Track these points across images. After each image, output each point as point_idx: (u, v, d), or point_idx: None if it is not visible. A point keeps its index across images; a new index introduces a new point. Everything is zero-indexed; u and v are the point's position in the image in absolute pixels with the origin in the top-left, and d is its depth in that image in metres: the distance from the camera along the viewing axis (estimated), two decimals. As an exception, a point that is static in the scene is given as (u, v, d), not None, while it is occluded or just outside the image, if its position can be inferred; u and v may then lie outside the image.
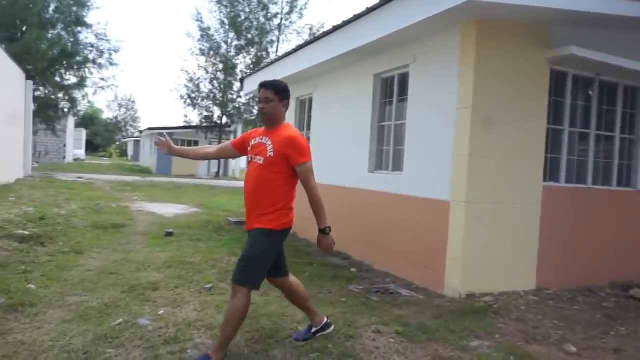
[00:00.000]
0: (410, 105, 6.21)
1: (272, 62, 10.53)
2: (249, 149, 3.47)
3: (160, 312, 4.22)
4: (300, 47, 8.76)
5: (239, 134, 33.29)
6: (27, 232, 7.13)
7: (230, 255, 6.66)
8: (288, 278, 3.64)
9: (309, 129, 9.42)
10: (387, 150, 6.87)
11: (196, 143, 31.25)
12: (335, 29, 7.06)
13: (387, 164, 6.80)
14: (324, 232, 3.33)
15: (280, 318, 4.23)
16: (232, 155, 3.79)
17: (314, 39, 8.21)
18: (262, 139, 3.38)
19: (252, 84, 11.55)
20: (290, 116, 10.12)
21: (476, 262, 5.15)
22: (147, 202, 12.96)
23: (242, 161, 44.29)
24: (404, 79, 6.55)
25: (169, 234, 8.13)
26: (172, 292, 4.83)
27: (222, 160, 31.77)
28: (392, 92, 6.83)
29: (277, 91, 3.35)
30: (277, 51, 26.29)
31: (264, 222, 3.27)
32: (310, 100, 9.33)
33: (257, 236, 3.28)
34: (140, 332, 3.77)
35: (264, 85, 3.36)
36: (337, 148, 8.05)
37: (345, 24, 6.77)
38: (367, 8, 6.10)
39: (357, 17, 6.40)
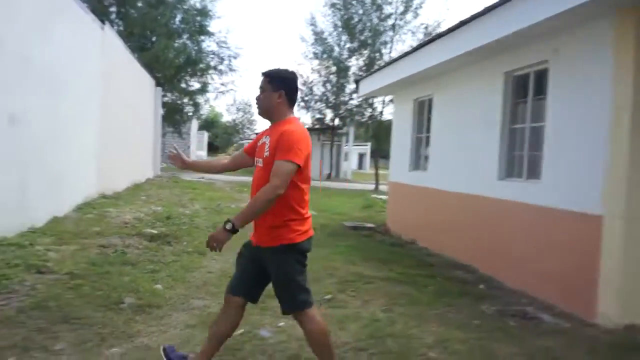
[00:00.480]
0: (551, 105, 5.52)
1: (389, 63, 10.18)
2: (257, 151, 3.03)
3: (280, 324, 4.07)
4: (418, 47, 8.33)
5: (351, 136, 33.41)
6: (155, 231, 7.49)
7: (348, 263, 6.43)
8: (244, 306, 3.07)
9: (428, 132, 8.93)
10: (520, 156, 6.20)
11: (308, 145, 31.77)
12: (462, 24, 6.54)
13: (521, 171, 6.14)
14: (226, 227, 2.75)
15: (408, 339, 3.87)
16: (247, 163, 3.22)
17: (435, 36, 7.73)
18: (264, 138, 2.95)
19: (367, 86, 11.29)
20: (407, 118, 9.69)
21: (638, 289, 4.38)
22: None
23: (354, 162, 44.38)
24: (540, 76, 5.86)
25: (285, 238, 8.11)
26: (291, 302, 4.68)
27: (334, 161, 31.81)
28: (527, 91, 6.15)
29: (271, 79, 2.92)
30: (390, 52, 25.81)
31: (276, 238, 2.84)
32: (430, 102, 8.84)
33: (274, 257, 2.89)
34: (262, 345, 3.65)
35: (262, 73, 2.99)
36: (460, 152, 7.49)
37: (473, 18, 6.23)
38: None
39: (488, 10, 5.84)
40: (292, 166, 2.70)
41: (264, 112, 2.97)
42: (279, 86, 2.90)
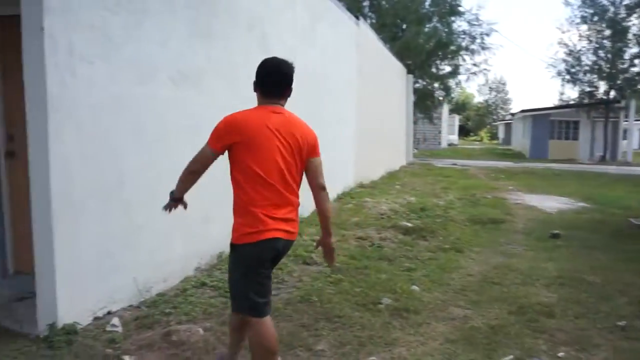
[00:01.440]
0: None
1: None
2: None
3: (560, 354, 3.35)
4: None
5: (631, 111, 28.05)
6: (410, 224, 7.33)
7: (643, 275, 5.13)
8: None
9: None
10: None
11: (575, 123, 28.01)
12: None
13: None
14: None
15: None
16: None
17: None
18: None
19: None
20: None
21: None
22: (524, 193, 11.99)
23: (635, 141, 37.45)
24: None
25: (555, 236, 7.04)
26: (572, 324, 3.86)
27: (609, 141, 27.07)
28: None
29: None
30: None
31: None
32: None
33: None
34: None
35: None
36: None
37: None
38: None
39: None
40: (205, 148, 2.68)
41: None
42: (255, 80, 2.82)
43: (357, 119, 10.83)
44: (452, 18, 23.88)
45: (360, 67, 11.07)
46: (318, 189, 2.74)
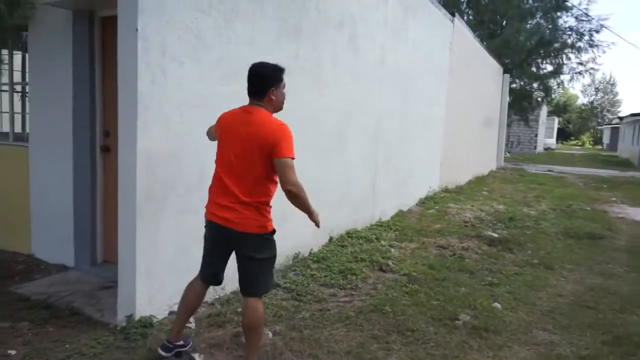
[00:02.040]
0: None
1: None
2: None
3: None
4: None
5: None
6: (496, 234, 6.94)
7: None
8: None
9: None
10: None
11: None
12: None
13: None
14: None
15: None
16: None
17: None
18: None
19: None
20: None
21: None
22: (629, 207, 10.95)
23: None
24: None
25: (662, 258, 6.33)
26: (678, 365, 3.42)
27: None
28: None
29: None
30: None
31: None
32: None
33: None
34: None
35: None
36: None
37: None
38: None
39: None
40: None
41: None
42: None
43: (445, 119, 10.44)
44: (558, 13, 22.31)
45: (453, 65, 10.65)
46: (284, 191, 2.73)
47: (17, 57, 5.12)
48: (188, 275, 3.75)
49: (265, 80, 2.85)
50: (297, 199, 2.73)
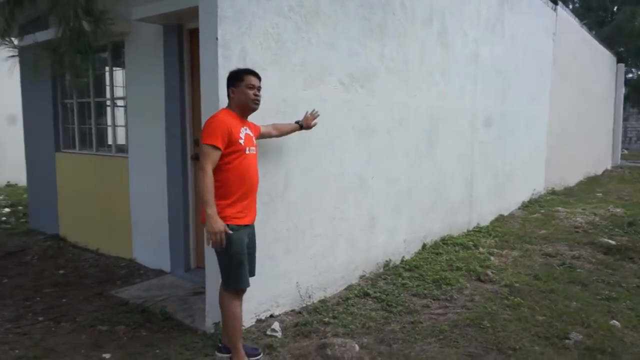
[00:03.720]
0: None
1: None
2: (242, 141, 2.96)
3: None
4: None
5: None
6: (613, 242, 6.20)
7: None
8: None
9: None
10: None
11: None
12: None
13: None
14: None
15: None
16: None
17: None
18: (246, 129, 3.05)
19: None
20: None
21: None
22: None
23: None
24: None
25: None
26: None
27: None
28: None
29: None
30: None
31: None
32: None
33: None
34: None
35: (257, 74, 3.09)
36: None
37: None
38: None
39: None
40: None
41: None
42: None
43: (549, 116, 9.64)
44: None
45: (557, 57, 9.81)
46: None
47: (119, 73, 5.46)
48: (274, 283, 3.73)
49: (227, 82, 3.05)
50: (198, 183, 2.93)
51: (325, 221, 4.20)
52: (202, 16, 3.31)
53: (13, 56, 4.43)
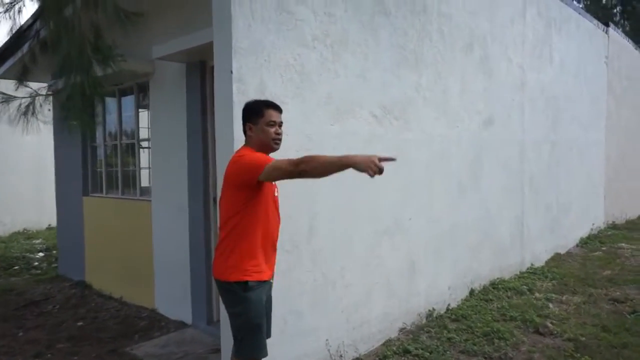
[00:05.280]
0: None
1: None
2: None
3: None
4: None
5: None
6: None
7: None
8: None
9: None
10: None
11: None
12: None
13: None
14: None
15: None
16: None
17: None
18: None
19: None
20: None
21: None
22: None
23: None
24: None
25: None
26: None
27: None
28: None
29: None
30: None
31: None
32: None
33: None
34: None
35: (278, 107, 2.64)
36: None
37: None
38: None
39: None
40: None
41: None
42: None
43: (606, 144, 8.92)
44: None
45: (611, 82, 9.15)
46: (296, 174, 2.31)
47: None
48: (299, 341, 3.31)
49: (243, 117, 2.63)
50: (311, 162, 2.23)
51: (358, 269, 3.77)
52: (216, 49, 3.05)
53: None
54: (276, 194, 2.65)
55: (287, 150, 3.25)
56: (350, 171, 3.69)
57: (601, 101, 8.78)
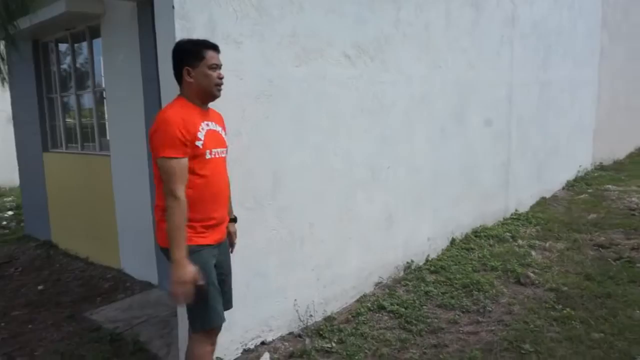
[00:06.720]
0: None
1: None
2: (200, 143, 2.14)
3: None
4: None
5: None
6: (678, 227, 5.31)
7: None
8: None
9: None
10: None
11: None
12: None
13: None
14: None
15: None
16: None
17: None
18: (208, 124, 2.25)
19: None
20: None
21: None
22: None
23: None
24: None
25: None
26: None
27: None
28: None
29: None
30: None
31: None
32: None
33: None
34: None
35: (218, 48, 2.28)
36: None
37: None
38: None
39: None
40: None
41: None
42: None
43: (598, 82, 8.57)
44: None
45: (606, 16, 8.69)
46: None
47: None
48: (265, 303, 3.10)
49: (175, 59, 2.25)
50: (169, 215, 2.04)
51: (330, 224, 3.52)
52: (155, -20, 2.65)
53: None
54: (223, 154, 2.33)
55: (246, 97, 2.93)
56: (321, 119, 3.41)
57: (595, 36, 8.35)
